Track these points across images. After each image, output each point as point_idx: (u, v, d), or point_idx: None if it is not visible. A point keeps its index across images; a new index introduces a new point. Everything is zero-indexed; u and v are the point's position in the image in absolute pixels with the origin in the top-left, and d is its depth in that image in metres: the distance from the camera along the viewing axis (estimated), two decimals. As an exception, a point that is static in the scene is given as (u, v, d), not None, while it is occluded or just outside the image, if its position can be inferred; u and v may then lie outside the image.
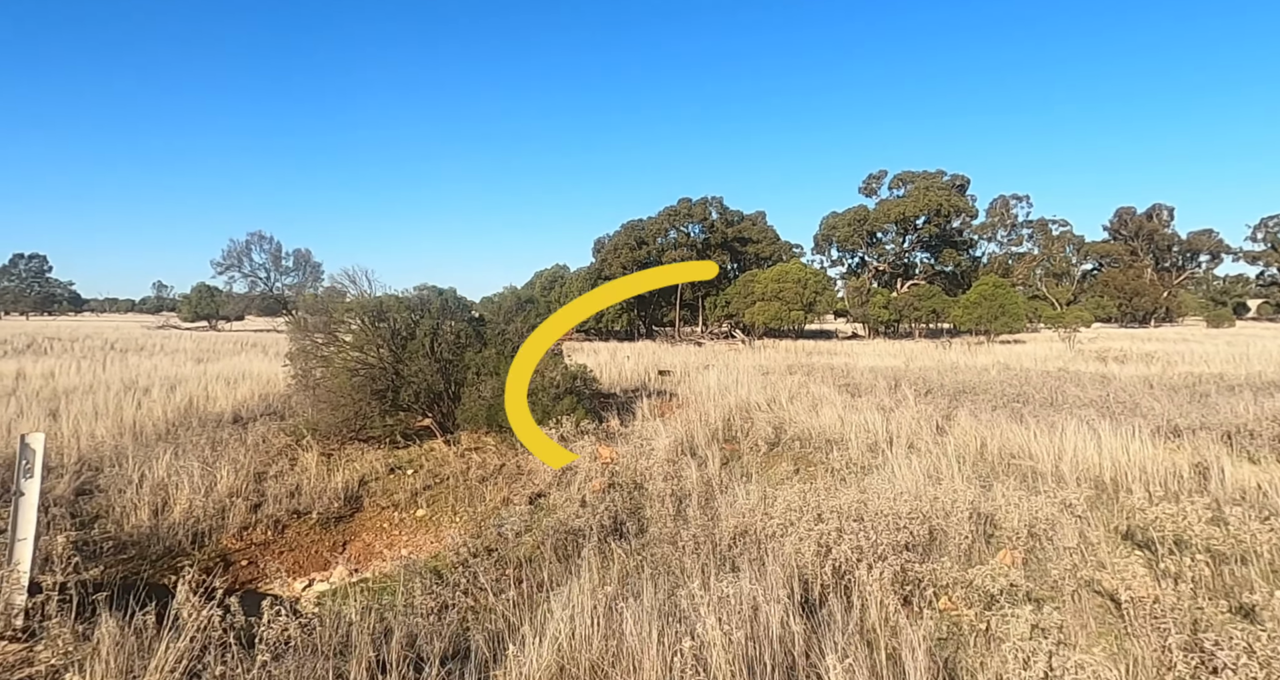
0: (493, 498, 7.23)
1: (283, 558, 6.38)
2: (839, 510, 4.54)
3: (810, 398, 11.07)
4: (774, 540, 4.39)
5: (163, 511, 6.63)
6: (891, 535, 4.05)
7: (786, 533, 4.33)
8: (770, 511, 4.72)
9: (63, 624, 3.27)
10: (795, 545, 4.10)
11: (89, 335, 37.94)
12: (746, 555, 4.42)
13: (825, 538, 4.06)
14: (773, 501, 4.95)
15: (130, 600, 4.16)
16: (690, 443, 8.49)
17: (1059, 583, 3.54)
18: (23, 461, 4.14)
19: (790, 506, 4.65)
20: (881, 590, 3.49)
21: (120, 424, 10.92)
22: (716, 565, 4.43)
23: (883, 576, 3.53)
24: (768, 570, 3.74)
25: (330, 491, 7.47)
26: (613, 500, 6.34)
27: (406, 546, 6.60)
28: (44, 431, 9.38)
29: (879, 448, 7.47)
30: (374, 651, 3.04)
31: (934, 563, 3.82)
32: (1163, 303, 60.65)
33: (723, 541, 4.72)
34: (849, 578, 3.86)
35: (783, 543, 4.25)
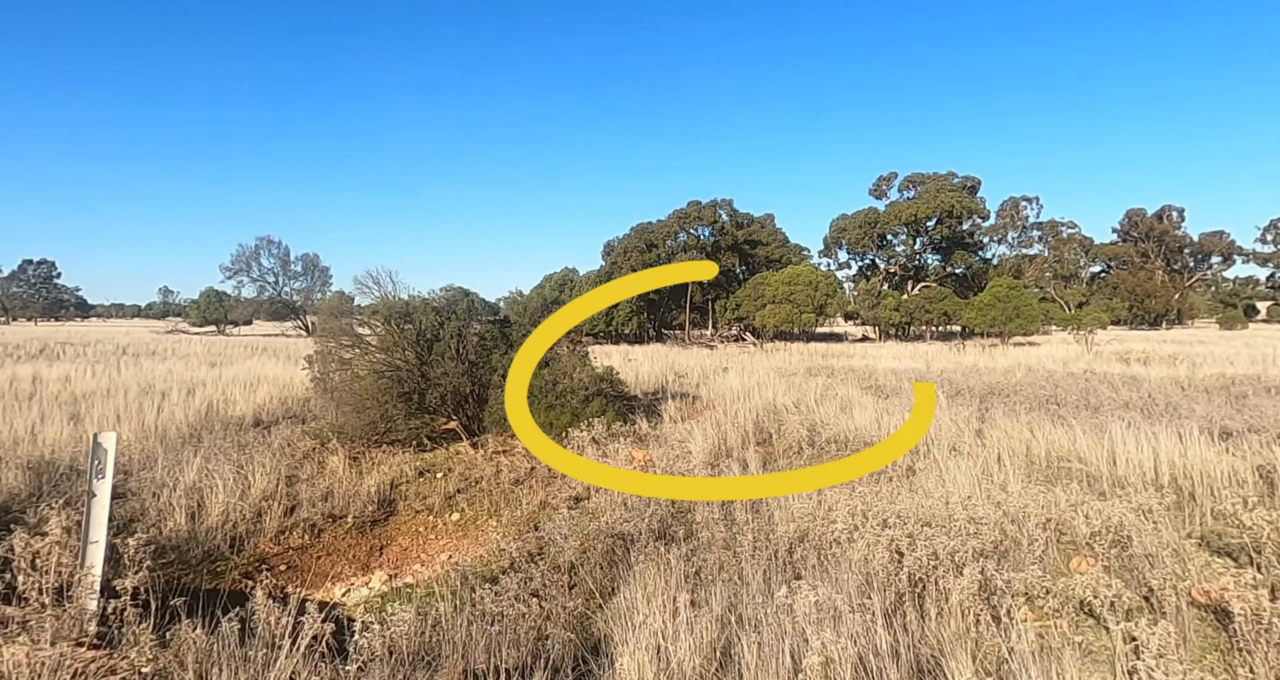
0: (529, 501, 7.11)
1: (320, 562, 6.27)
2: (904, 515, 4.40)
3: (839, 400, 10.93)
4: (838, 546, 4.25)
5: (198, 516, 6.53)
6: (966, 541, 3.90)
7: (852, 538, 4.18)
8: (830, 515, 4.58)
9: (143, 630, 3.16)
10: (864, 551, 3.96)
11: (100, 340, 37.99)
12: (809, 561, 4.29)
13: (897, 543, 3.92)
14: (831, 505, 4.80)
15: (176, 606, 4.06)
16: (724, 445, 8.35)
17: (1158, 592, 3.39)
18: (94, 462, 4.04)
19: (853, 511, 4.50)
20: (967, 599, 3.35)
21: (143, 427, 10.86)
22: (779, 571, 4.30)
23: (968, 585, 3.39)
24: (842, 577, 3.61)
25: (363, 495, 7.36)
26: (656, 504, 6.21)
27: (445, 551, 6.48)
28: (83, 432, 9.28)
29: (919, 450, 7.32)
30: (463, 661, 2.92)
31: (1013, 571, 3.68)
32: (1174, 305, 60.29)
33: (781, 546, 4.58)
34: (923, 586, 3.73)
35: (849, 548, 4.11)
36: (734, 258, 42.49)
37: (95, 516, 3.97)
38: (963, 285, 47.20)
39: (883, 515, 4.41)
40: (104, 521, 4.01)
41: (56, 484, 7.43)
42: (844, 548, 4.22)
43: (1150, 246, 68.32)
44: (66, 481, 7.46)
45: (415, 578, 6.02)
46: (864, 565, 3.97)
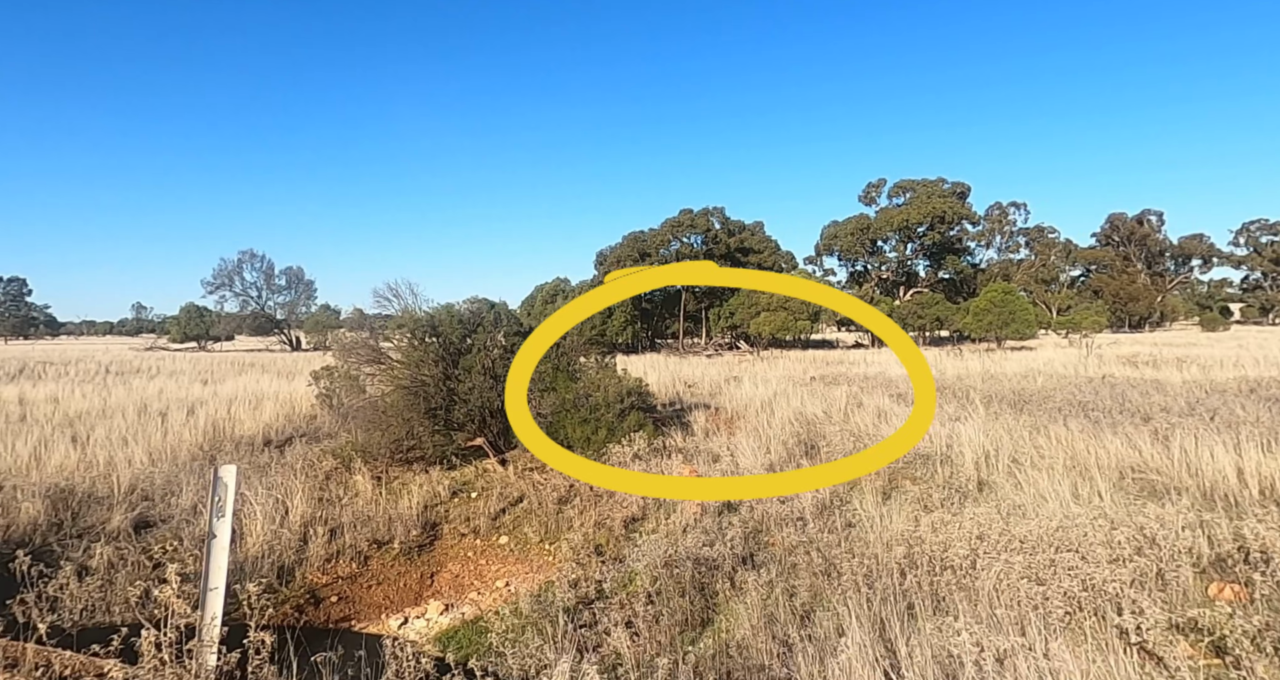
0: (582, 522, 6.79)
1: (371, 592, 5.92)
2: (1027, 538, 4.13)
3: (871, 409, 10.74)
4: (956, 572, 4.00)
5: (238, 544, 6.15)
6: (1111, 569, 3.64)
7: (976, 564, 3.92)
8: (937, 537, 4.31)
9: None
10: (994, 580, 3.70)
11: (80, 358, 36.95)
12: (922, 589, 4.03)
13: (1036, 570, 3.66)
14: (935, 526, 4.53)
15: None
16: (770, 457, 8.10)
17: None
18: (214, 498, 3.69)
19: (971, 533, 4.24)
20: (1132, 635, 3.11)
21: (150, 449, 10.39)
22: (890, 601, 4.04)
23: (1131, 620, 3.14)
24: (980, 611, 3.35)
25: (405, 518, 7.01)
26: (719, 524, 5.94)
27: (500, 577, 6.15)
28: (59, 458, 8.80)
29: (979, 463, 7.10)
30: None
31: (1159, 599, 3.45)
32: (1157, 307, 61.27)
33: (885, 572, 4.32)
34: (1073, 618, 3.46)
35: (972, 576, 3.85)
36: (727, 266, 42.41)
37: (215, 560, 3.62)
38: (952, 291, 47.54)
39: (1006, 538, 4.16)
40: (224, 565, 3.66)
41: (76, 513, 7.00)
42: (961, 574, 3.97)
43: (1132, 250, 69.44)
44: (87, 510, 7.04)
45: (475, 607, 5.69)
46: (1000, 596, 3.70)
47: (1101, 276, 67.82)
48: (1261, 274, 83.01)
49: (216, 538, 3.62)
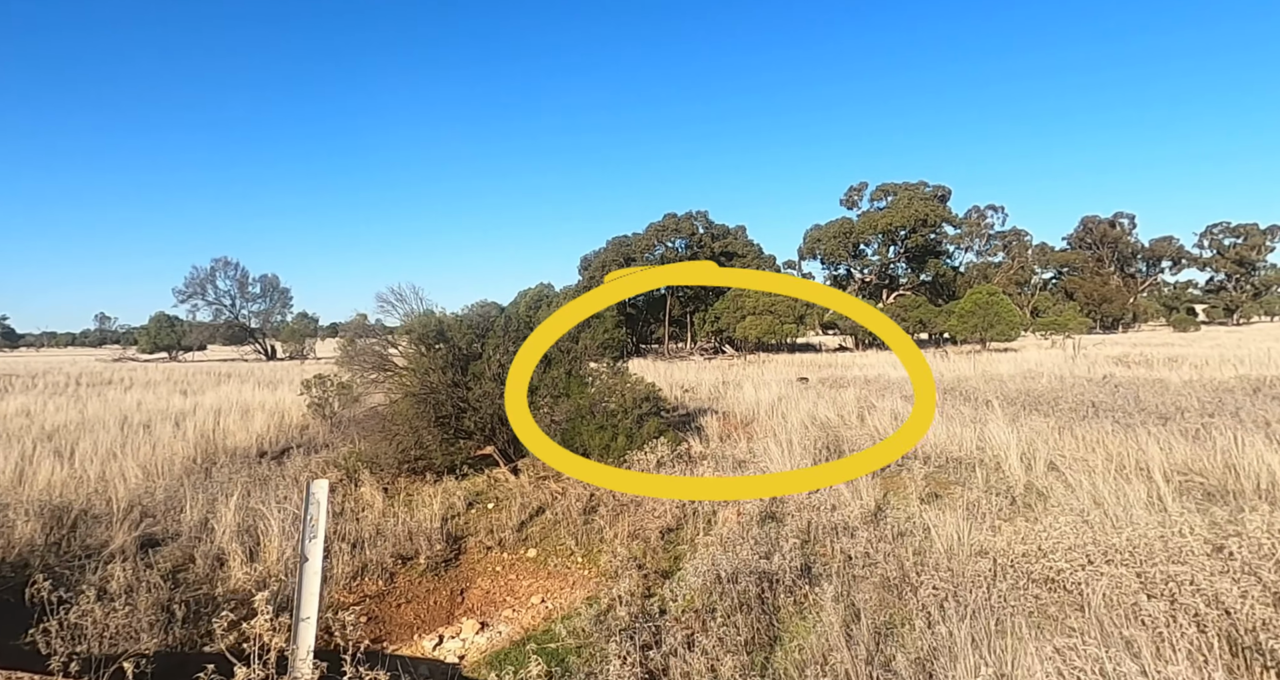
0: (615, 533, 6.53)
1: (401, 611, 5.61)
2: (1123, 549, 3.93)
3: (885, 412, 10.60)
4: (1055, 585, 3.78)
5: (254, 561, 5.80)
6: (1249, 587, 3.41)
7: (1080, 576, 3.70)
8: (1032, 549, 4.07)
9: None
10: (1103, 595, 3.49)
11: (46, 370, 35.74)
12: (1014, 604, 3.82)
13: (1149, 585, 3.45)
14: (1025, 535, 4.30)
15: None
16: (795, 462, 7.91)
17: None
18: (307, 518, 3.36)
19: (1061, 544, 4.02)
20: None
21: (141, 463, 9.89)
22: (975, 617, 3.84)
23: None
24: (1106, 631, 3.15)
25: (427, 532, 6.68)
26: (768, 534, 5.72)
27: (534, 593, 5.86)
28: (54, 473, 8.34)
29: (1015, 466, 6.96)
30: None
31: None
32: (1130, 308, 62.54)
33: (968, 586, 4.10)
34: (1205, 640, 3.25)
35: (1085, 590, 3.62)
36: (712, 270, 42.45)
37: (308, 586, 3.30)
38: (933, 293, 47.98)
39: (1095, 547, 3.96)
40: (317, 592, 3.33)
41: (73, 532, 6.57)
42: (1063, 588, 3.75)
43: (1105, 252, 70.89)
44: (85, 528, 6.61)
45: (512, 626, 5.40)
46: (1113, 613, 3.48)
47: (1075, 278, 69.12)
48: (1225, 275, 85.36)
49: (309, 561, 3.31)
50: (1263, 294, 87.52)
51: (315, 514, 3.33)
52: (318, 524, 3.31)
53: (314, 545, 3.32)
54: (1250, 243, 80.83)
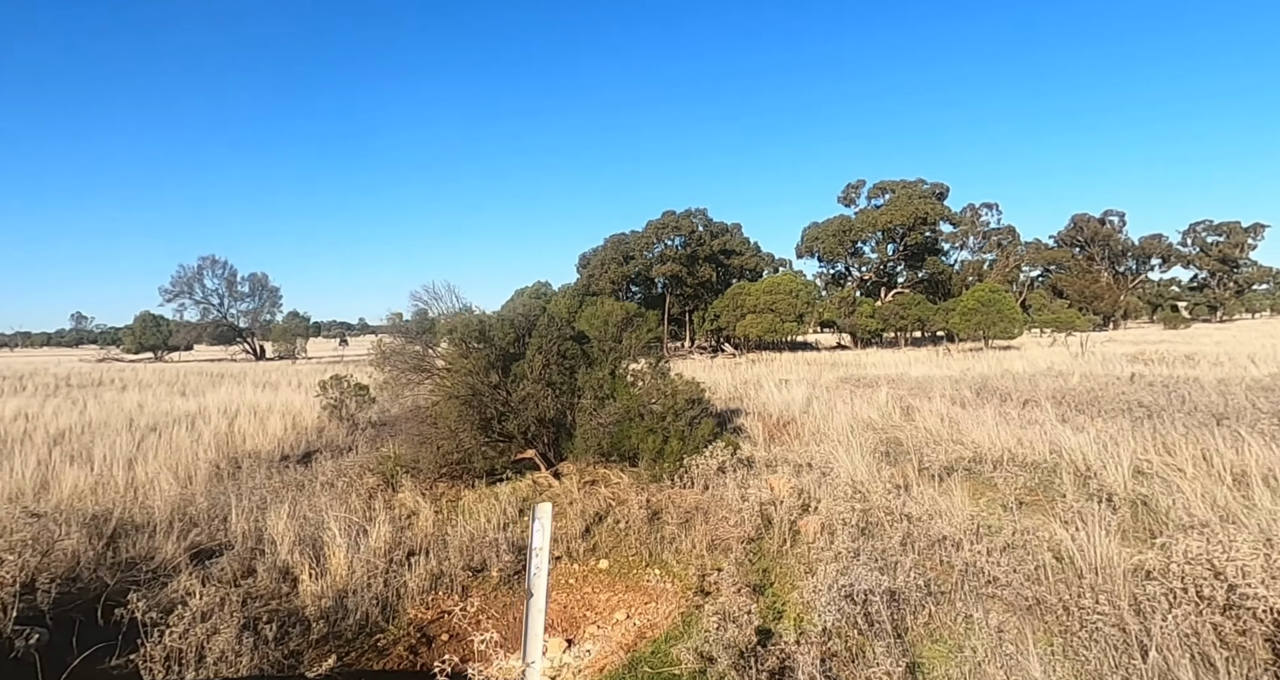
0: (691, 543, 6.25)
1: (481, 628, 5.29)
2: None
3: (929, 413, 10.40)
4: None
5: (320, 575, 5.46)
6: None
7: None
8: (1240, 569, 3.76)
9: None
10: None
11: (33, 372, 34.82)
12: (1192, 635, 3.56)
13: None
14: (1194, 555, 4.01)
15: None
16: (866, 465, 7.66)
17: None
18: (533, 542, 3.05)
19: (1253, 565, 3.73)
20: None
21: (167, 468, 9.48)
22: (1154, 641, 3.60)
23: None
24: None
25: (492, 542, 6.37)
26: (863, 546, 5.46)
27: (616, 608, 5.57)
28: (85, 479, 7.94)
29: (1111, 472, 6.73)
30: None
31: None
32: (1120, 306, 63.18)
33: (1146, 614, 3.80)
34: None
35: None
36: (711, 268, 42.20)
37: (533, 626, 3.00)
38: (929, 291, 48.04)
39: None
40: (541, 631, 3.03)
41: (112, 541, 6.20)
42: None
43: (1095, 250, 71.52)
44: (128, 539, 6.23)
45: (600, 644, 5.11)
46: None
47: (1064, 276, 69.64)
48: (1209, 273, 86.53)
49: (534, 597, 3.00)
50: (1245, 291, 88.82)
51: (541, 543, 3.02)
52: (543, 555, 3.01)
53: (538, 580, 3.01)
54: (1233, 240, 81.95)
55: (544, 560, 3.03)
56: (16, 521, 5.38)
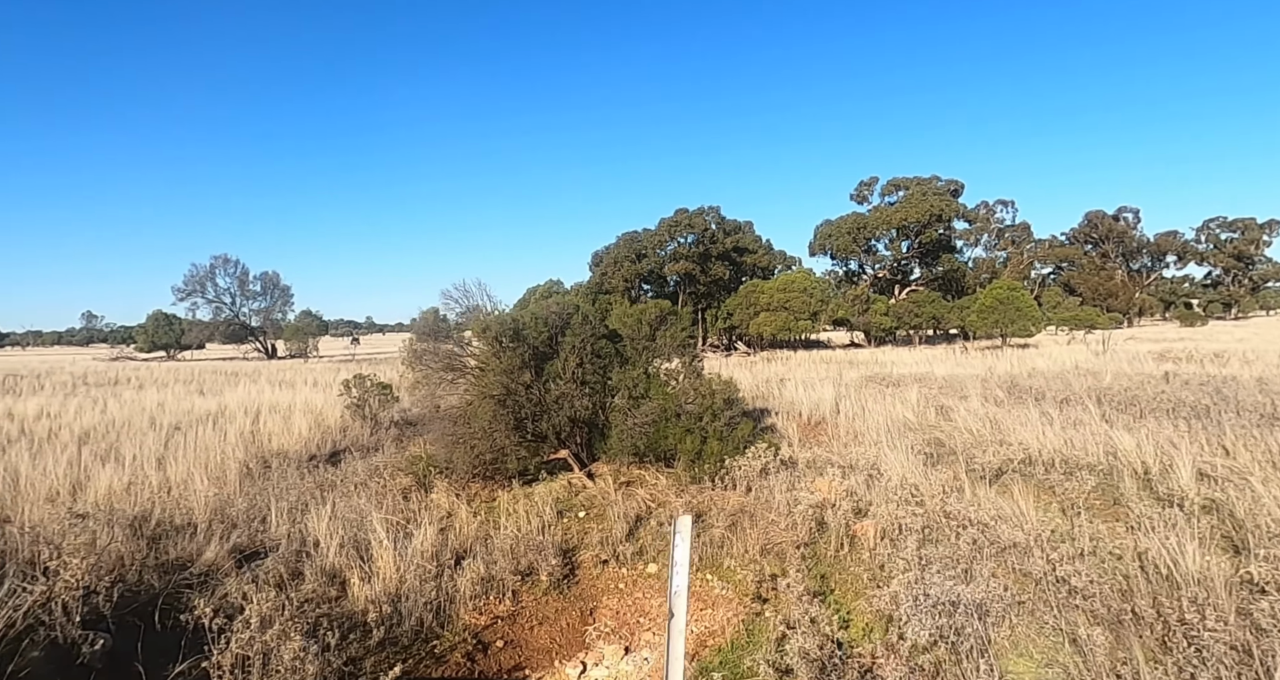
0: (744, 548, 6.11)
1: (535, 634, 5.18)
2: None
3: (973, 412, 10.21)
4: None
5: (368, 578, 5.35)
6: None
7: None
8: None
9: None
10: None
11: (49, 370, 34.94)
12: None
13: None
14: None
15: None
16: (915, 466, 7.48)
17: None
18: (675, 563, 2.91)
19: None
20: None
21: (192, 467, 9.41)
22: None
23: None
24: None
25: (536, 544, 6.24)
26: (931, 553, 5.30)
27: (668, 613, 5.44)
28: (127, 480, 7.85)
29: (1182, 475, 6.54)
30: None
31: None
32: (1135, 303, 62.63)
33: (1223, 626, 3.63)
34: None
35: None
36: (724, 266, 41.98)
37: (674, 648, 2.85)
38: (942, 289, 47.67)
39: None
40: (682, 654, 2.89)
41: (154, 543, 6.10)
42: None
43: (1110, 247, 70.90)
44: (167, 541, 6.14)
45: (657, 651, 4.98)
46: None
47: (1078, 273, 69.05)
48: (1224, 270, 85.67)
49: (675, 618, 2.86)
50: (1260, 288, 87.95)
51: (682, 557, 2.88)
52: (682, 570, 2.87)
53: (679, 600, 2.87)
54: (1248, 237, 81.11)
55: (684, 578, 2.88)
56: (62, 523, 5.29)
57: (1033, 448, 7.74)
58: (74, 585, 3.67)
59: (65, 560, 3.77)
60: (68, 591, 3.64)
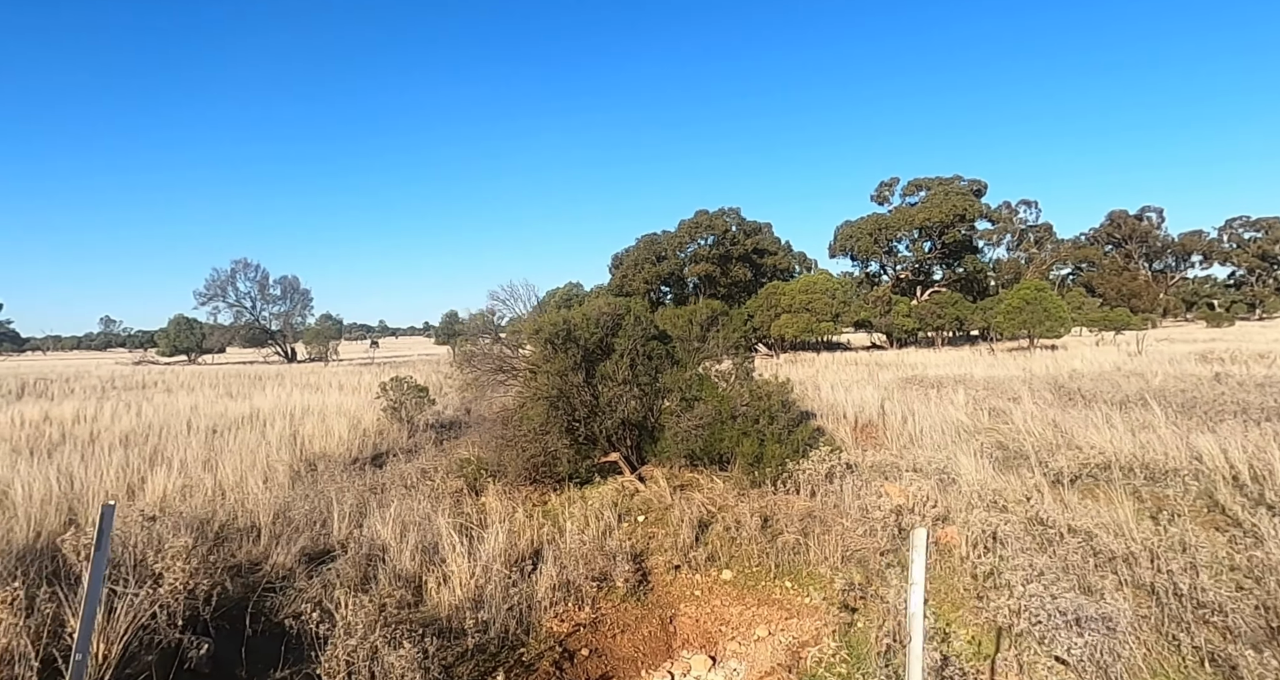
0: (823, 556, 5.93)
1: (618, 643, 5.03)
2: None
3: (1033, 414, 9.96)
4: None
5: (443, 585, 5.24)
6: None
7: None
8: None
9: None
10: None
11: (76, 375, 35.23)
12: None
13: None
14: None
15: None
16: (991, 470, 7.27)
17: None
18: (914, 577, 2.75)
19: None
20: None
21: (241, 469, 9.35)
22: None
23: None
24: None
25: (607, 550, 6.10)
26: (1038, 562, 5.09)
27: (754, 622, 5.27)
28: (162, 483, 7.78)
29: (1243, 480, 6.32)
30: None
31: None
32: (1160, 304, 61.72)
33: None
34: None
35: None
36: (745, 267, 41.74)
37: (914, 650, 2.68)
38: (963, 290, 47.16)
39: None
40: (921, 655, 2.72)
41: (218, 545, 6.02)
42: None
43: (1134, 247, 69.96)
44: (234, 545, 6.06)
45: (744, 662, 4.82)
46: None
47: (1099, 273, 68.14)
48: (1247, 270, 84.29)
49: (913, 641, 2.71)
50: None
51: (919, 576, 2.73)
52: (919, 589, 2.72)
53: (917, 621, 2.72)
54: (1272, 236, 79.71)
55: (920, 597, 2.72)
56: (136, 526, 5.21)
57: (1107, 451, 7.51)
58: (179, 589, 3.57)
59: (168, 564, 3.68)
60: (172, 595, 3.54)
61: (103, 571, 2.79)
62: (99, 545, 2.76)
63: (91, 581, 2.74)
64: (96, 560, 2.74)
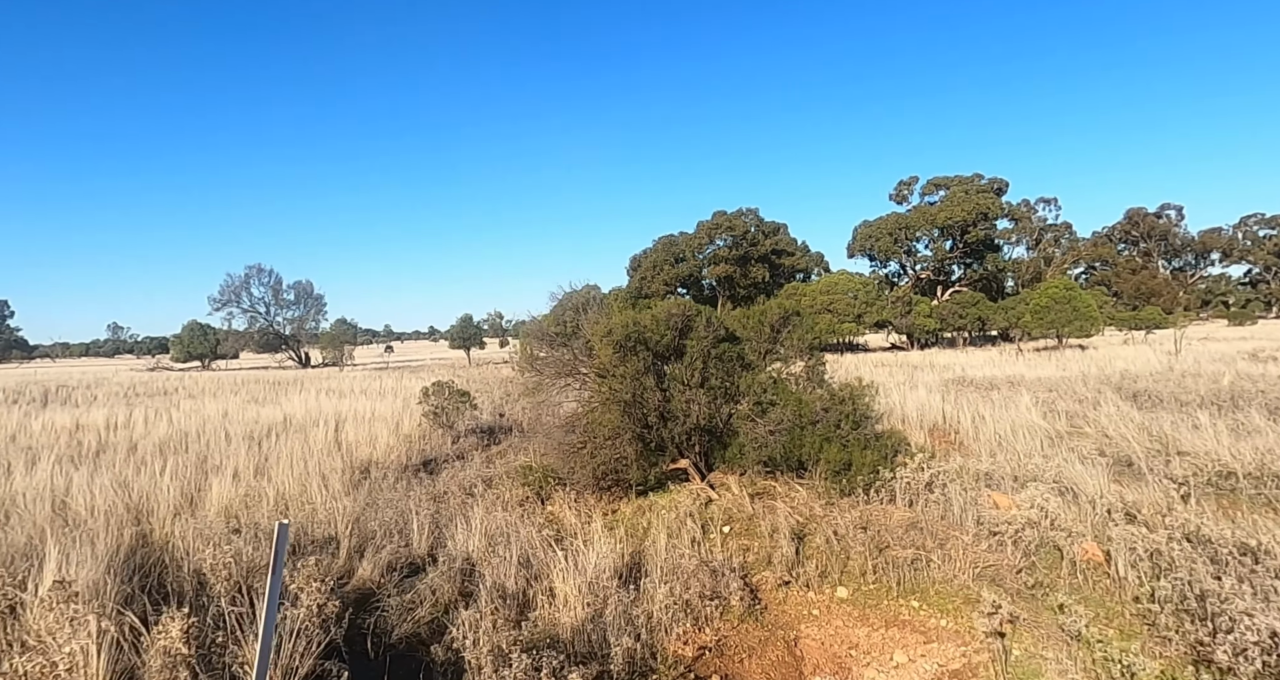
0: (947, 571, 5.55)
1: (746, 667, 4.66)
2: None
3: (1108, 416, 9.57)
4: None
5: (551, 601, 4.88)
6: None
7: None
8: None
9: None
10: None
11: (95, 382, 35.09)
12: None
13: None
14: None
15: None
16: (1109, 475, 6.86)
17: None
18: None
19: None
20: None
21: (304, 477, 9.03)
22: None
23: None
24: None
25: (711, 565, 5.73)
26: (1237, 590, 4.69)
27: (887, 647, 4.89)
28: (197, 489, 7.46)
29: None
30: None
31: None
32: (1180, 302, 61.00)
33: None
34: None
35: None
36: (764, 268, 41.38)
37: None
38: (984, 289, 46.64)
39: None
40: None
41: (296, 558, 5.68)
42: None
43: (1152, 245, 69.24)
44: (312, 558, 5.71)
45: (891, 689, 4.44)
46: None
47: (1116, 271, 67.40)
48: (1264, 268, 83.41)
49: None
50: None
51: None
52: None
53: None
54: (1288, 233, 78.92)
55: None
56: (225, 540, 4.87)
57: (1224, 458, 7.11)
58: (313, 611, 3.24)
59: (303, 584, 3.35)
60: (309, 618, 3.21)
61: (277, 596, 2.44)
62: (275, 568, 2.42)
63: (268, 608, 2.40)
64: (272, 584, 2.39)
